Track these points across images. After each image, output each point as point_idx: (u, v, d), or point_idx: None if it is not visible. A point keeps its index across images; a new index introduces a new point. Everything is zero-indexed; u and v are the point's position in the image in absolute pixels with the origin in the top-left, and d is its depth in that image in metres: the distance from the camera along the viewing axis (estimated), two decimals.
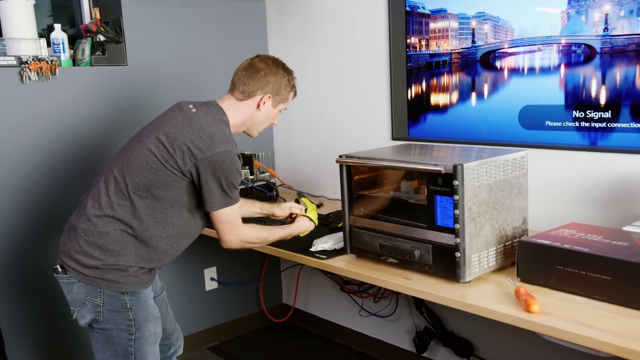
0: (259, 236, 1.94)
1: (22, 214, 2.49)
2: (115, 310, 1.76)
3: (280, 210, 2.15)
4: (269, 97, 1.90)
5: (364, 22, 2.71)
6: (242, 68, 1.91)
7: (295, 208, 2.14)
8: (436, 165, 1.64)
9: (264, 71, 1.89)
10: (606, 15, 1.93)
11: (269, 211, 2.18)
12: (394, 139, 2.65)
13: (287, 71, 1.96)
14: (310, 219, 2.08)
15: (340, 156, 1.92)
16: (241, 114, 1.90)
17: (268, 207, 2.19)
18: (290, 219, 2.15)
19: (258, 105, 1.90)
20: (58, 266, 1.80)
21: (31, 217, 2.52)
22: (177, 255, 1.91)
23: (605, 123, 1.98)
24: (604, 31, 1.93)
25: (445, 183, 1.64)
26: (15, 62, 2.41)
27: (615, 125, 1.96)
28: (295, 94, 2.01)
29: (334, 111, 2.95)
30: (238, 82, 1.90)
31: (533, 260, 1.60)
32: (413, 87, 2.54)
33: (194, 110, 1.82)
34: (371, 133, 2.75)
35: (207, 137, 1.74)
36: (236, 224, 1.85)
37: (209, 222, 1.88)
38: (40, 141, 2.51)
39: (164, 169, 1.74)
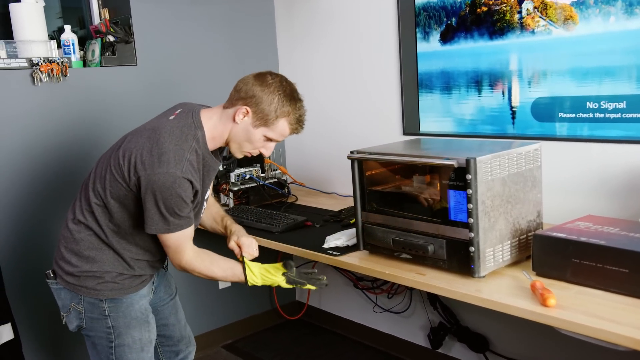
0: (207, 270, 1.76)
1: (36, 214, 2.51)
2: (94, 317, 1.74)
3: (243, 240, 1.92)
4: (247, 110, 1.67)
5: (373, 17, 2.69)
6: (245, 76, 1.75)
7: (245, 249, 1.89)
8: (449, 159, 1.63)
9: (257, 81, 1.68)
10: None
11: (233, 234, 1.94)
12: (405, 134, 2.64)
13: (283, 93, 1.68)
14: (247, 274, 1.82)
15: (351, 152, 1.91)
16: (221, 125, 1.71)
17: (235, 229, 1.96)
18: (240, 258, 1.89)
19: (234, 117, 1.69)
20: (50, 271, 1.79)
21: (44, 216, 2.53)
22: (162, 262, 1.86)
23: (620, 113, 1.96)
24: None
25: (458, 177, 1.62)
26: (26, 64, 2.43)
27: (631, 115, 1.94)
28: (295, 128, 1.73)
29: (343, 107, 2.94)
30: (234, 87, 1.74)
31: (549, 253, 1.58)
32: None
33: (172, 117, 1.70)
34: (382, 128, 2.74)
35: (157, 154, 1.59)
36: (180, 249, 1.69)
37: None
38: (53, 142, 2.52)
39: (114, 181, 1.66)
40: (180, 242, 1.69)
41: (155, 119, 1.79)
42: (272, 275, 1.83)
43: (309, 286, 1.83)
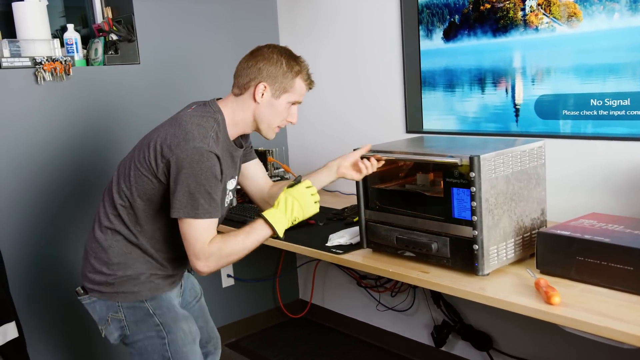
0: (233, 244, 1.60)
1: (39, 212, 2.51)
2: (139, 320, 1.68)
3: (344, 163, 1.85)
4: (265, 86, 1.66)
5: (376, 15, 2.69)
6: (240, 61, 1.74)
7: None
8: (452, 157, 1.63)
9: (256, 58, 1.69)
10: None
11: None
12: (408, 131, 2.63)
13: (287, 55, 1.71)
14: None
15: (354, 150, 1.91)
16: (240, 111, 1.70)
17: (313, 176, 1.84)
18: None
19: (254, 98, 1.68)
20: (80, 288, 1.74)
21: (48, 214, 2.54)
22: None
23: (624, 110, 1.95)
24: None
25: (462, 175, 1.62)
26: (29, 63, 2.43)
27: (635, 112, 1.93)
28: (309, 83, 1.75)
29: (347, 105, 2.93)
30: (235, 75, 1.73)
31: (553, 251, 1.58)
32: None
33: (190, 110, 1.69)
34: (385, 126, 2.74)
35: (181, 134, 1.57)
36: (201, 241, 1.56)
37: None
38: (56, 141, 2.53)
39: (141, 176, 1.62)
40: (203, 232, 1.56)
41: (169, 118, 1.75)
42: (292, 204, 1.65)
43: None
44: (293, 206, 1.64)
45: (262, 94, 1.67)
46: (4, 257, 2.32)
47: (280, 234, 1.63)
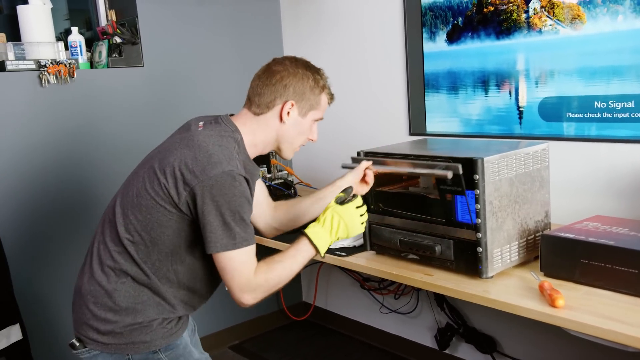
0: (281, 270, 1.46)
1: (42, 216, 2.52)
2: None
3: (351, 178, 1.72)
4: (292, 104, 1.52)
5: (379, 17, 2.69)
6: (256, 76, 1.56)
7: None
8: (456, 159, 1.62)
9: (281, 74, 1.52)
10: None
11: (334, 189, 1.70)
12: (411, 134, 2.63)
13: (311, 69, 1.57)
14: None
15: (358, 153, 1.91)
16: (261, 131, 1.54)
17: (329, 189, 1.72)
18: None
19: (281, 118, 1.52)
20: (74, 340, 1.50)
21: (50, 218, 2.54)
22: (206, 297, 1.61)
23: (628, 113, 1.94)
24: None
25: (465, 177, 1.61)
26: (34, 66, 2.44)
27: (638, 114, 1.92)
28: (331, 97, 1.62)
29: (350, 108, 2.93)
30: (253, 93, 1.55)
31: (557, 254, 1.57)
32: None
33: (201, 128, 1.50)
34: (388, 129, 2.74)
35: (204, 157, 1.38)
36: (246, 271, 1.41)
37: None
38: (60, 144, 2.53)
39: (155, 206, 1.41)
40: (245, 263, 1.41)
41: (168, 140, 1.57)
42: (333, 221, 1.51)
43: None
44: (339, 226, 1.50)
45: (289, 113, 1.53)
46: (8, 260, 2.32)
47: (322, 254, 1.50)
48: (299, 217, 1.77)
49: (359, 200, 1.54)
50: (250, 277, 1.41)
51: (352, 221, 1.51)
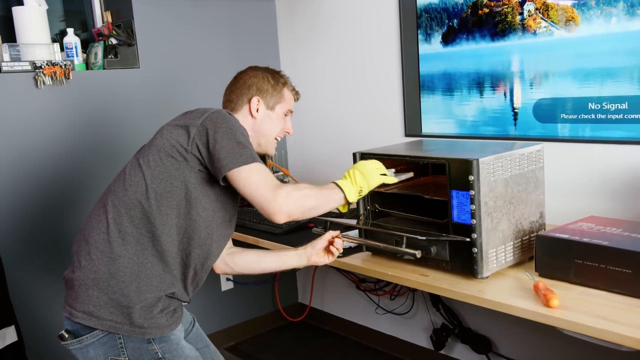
0: (308, 194, 1.50)
1: (38, 217, 2.51)
2: None
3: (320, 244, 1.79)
4: (258, 100, 1.71)
5: (375, 19, 2.70)
6: (225, 90, 1.78)
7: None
8: (451, 160, 1.63)
9: (243, 78, 1.75)
10: None
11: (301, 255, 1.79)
12: (407, 135, 2.64)
13: (271, 71, 1.78)
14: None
15: (354, 153, 1.91)
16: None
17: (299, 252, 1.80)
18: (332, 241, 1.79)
19: (251, 114, 1.71)
20: (64, 332, 1.48)
21: (47, 219, 2.54)
22: (203, 270, 1.61)
23: (622, 114, 1.96)
24: None
25: (461, 178, 1.62)
26: (29, 67, 2.44)
27: (632, 116, 1.94)
28: (295, 93, 1.81)
29: (345, 109, 2.94)
30: (225, 101, 1.76)
31: (551, 254, 1.58)
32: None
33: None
34: (384, 130, 2.74)
35: (200, 110, 1.55)
36: (269, 179, 1.44)
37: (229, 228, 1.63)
38: (56, 145, 2.53)
39: (164, 157, 1.48)
40: (266, 170, 1.46)
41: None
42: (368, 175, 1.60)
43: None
44: (355, 175, 1.57)
45: (257, 108, 1.72)
46: (3, 261, 2.32)
47: (350, 199, 1.55)
48: (254, 268, 1.83)
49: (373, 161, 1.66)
50: (276, 182, 1.46)
51: (366, 169, 1.60)
